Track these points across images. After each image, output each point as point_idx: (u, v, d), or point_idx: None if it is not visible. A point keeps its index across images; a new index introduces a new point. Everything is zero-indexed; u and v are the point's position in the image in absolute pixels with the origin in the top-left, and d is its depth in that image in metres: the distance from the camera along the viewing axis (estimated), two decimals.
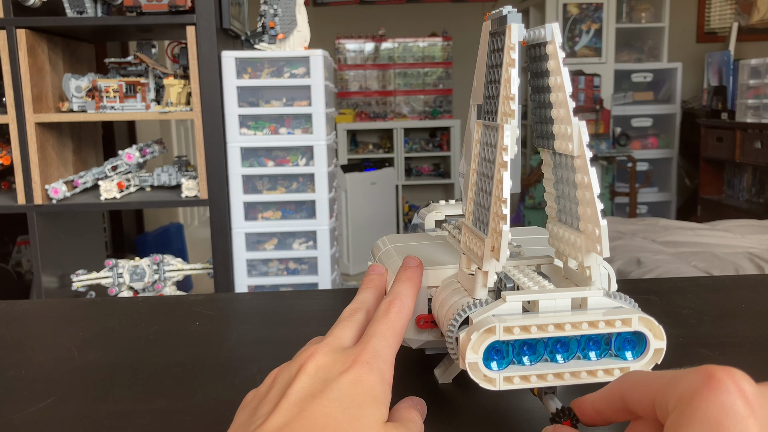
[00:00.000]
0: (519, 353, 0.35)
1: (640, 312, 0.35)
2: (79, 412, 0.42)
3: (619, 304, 0.36)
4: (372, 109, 4.79)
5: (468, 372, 0.34)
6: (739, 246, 2.22)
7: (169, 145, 3.53)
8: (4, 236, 2.40)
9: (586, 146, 0.36)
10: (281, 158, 1.86)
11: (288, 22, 1.83)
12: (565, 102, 0.36)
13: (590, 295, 0.36)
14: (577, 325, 0.34)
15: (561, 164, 0.39)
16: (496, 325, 0.33)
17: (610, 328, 0.34)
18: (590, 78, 4.10)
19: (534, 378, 0.34)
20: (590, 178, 0.36)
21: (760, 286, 0.65)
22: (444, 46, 4.74)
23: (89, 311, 0.63)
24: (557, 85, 0.37)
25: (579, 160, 0.36)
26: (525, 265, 0.42)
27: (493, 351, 0.35)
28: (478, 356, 0.34)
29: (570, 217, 0.39)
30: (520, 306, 0.35)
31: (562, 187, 0.40)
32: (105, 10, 1.76)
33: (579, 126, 0.36)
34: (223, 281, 1.84)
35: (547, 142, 0.39)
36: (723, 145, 3.80)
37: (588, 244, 0.37)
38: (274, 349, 0.52)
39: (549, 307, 0.35)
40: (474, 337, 0.34)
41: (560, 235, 0.40)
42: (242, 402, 0.34)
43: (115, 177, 1.86)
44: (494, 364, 0.35)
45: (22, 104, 1.70)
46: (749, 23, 4.31)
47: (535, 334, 0.34)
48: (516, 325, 0.34)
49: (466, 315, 0.36)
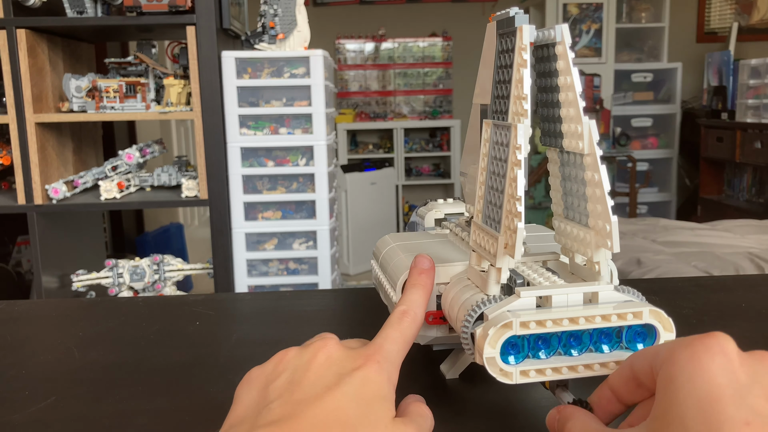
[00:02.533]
0: (534, 347, 0.36)
1: (650, 305, 0.36)
2: (79, 412, 0.42)
3: (629, 297, 0.37)
4: (372, 109, 4.79)
5: (486, 367, 0.35)
6: (739, 246, 2.22)
7: (169, 145, 3.53)
8: (4, 236, 2.40)
9: (596, 144, 0.37)
10: (281, 158, 1.86)
11: (288, 22, 1.83)
12: (575, 101, 0.37)
13: (601, 289, 0.37)
14: (590, 319, 0.35)
15: (569, 162, 0.40)
16: (513, 321, 0.34)
17: (622, 321, 0.35)
18: (590, 78, 4.10)
19: (549, 371, 0.35)
20: (601, 176, 0.37)
21: (761, 286, 0.65)
22: (444, 46, 4.74)
23: (89, 311, 0.63)
24: (567, 84, 0.37)
25: (589, 158, 0.37)
26: (532, 262, 0.43)
27: (510, 346, 0.36)
28: (496, 351, 0.35)
29: (578, 213, 0.40)
30: (533, 301, 0.36)
31: (570, 184, 0.40)
32: (105, 10, 1.76)
33: (590, 125, 0.37)
34: (223, 281, 1.84)
35: (554, 141, 0.40)
36: (723, 145, 3.80)
37: (598, 240, 0.38)
38: (274, 349, 0.51)
39: (562, 302, 0.36)
40: (491, 333, 0.34)
41: (568, 231, 0.41)
42: (245, 377, 0.35)
43: (115, 177, 1.86)
44: (511, 358, 0.35)
45: (22, 104, 1.70)
46: (749, 23, 4.31)
47: (551, 328, 0.35)
48: (532, 320, 0.34)
49: (480, 311, 0.37)
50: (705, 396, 0.26)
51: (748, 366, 0.27)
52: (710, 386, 0.26)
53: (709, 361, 0.27)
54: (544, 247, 0.47)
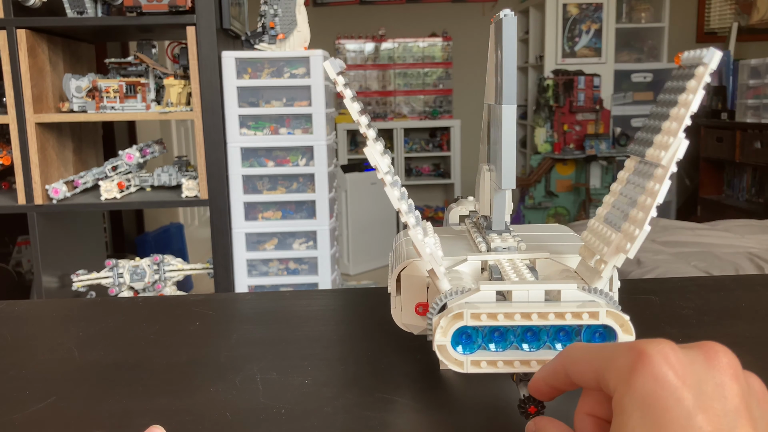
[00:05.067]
0: (491, 340, 0.37)
1: (610, 306, 0.36)
2: (79, 412, 0.42)
3: (593, 298, 0.37)
4: (372, 110, 4.79)
5: (437, 354, 0.37)
6: (739, 246, 2.22)
7: (169, 145, 3.53)
8: (4, 236, 2.40)
9: (675, 162, 0.37)
10: (281, 158, 1.86)
11: (288, 22, 1.83)
12: (683, 118, 0.37)
13: (564, 288, 0.37)
14: (543, 315, 0.36)
15: (641, 171, 0.40)
16: (464, 311, 0.36)
17: (577, 320, 0.36)
18: (590, 78, 4.10)
19: (501, 363, 0.37)
20: (661, 188, 0.37)
21: (761, 286, 0.65)
22: (444, 47, 4.74)
23: (90, 311, 0.63)
24: (686, 101, 0.37)
25: (661, 170, 0.38)
26: (519, 259, 0.44)
27: (465, 336, 0.37)
28: (447, 339, 0.36)
29: (618, 218, 0.40)
30: (493, 295, 0.37)
31: (628, 190, 0.41)
32: (105, 11, 1.76)
33: (682, 143, 0.37)
34: (223, 281, 1.84)
35: (641, 150, 0.41)
36: (723, 145, 3.80)
37: (620, 242, 0.39)
38: (275, 349, 0.52)
39: (522, 297, 0.37)
40: (443, 322, 0.36)
41: (598, 229, 0.42)
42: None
43: (116, 177, 1.86)
44: (459, 348, 0.37)
45: (22, 104, 1.70)
46: (749, 23, 4.31)
47: (502, 321, 0.36)
48: (484, 312, 0.36)
49: (443, 302, 0.39)
50: (655, 422, 0.26)
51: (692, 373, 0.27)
52: (656, 410, 0.26)
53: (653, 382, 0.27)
54: (558, 247, 0.48)
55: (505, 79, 0.44)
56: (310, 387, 0.44)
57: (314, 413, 0.41)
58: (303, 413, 0.41)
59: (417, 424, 0.40)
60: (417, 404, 0.42)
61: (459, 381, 0.45)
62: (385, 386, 0.44)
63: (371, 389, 0.44)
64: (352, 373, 0.46)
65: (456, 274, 0.44)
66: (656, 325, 0.54)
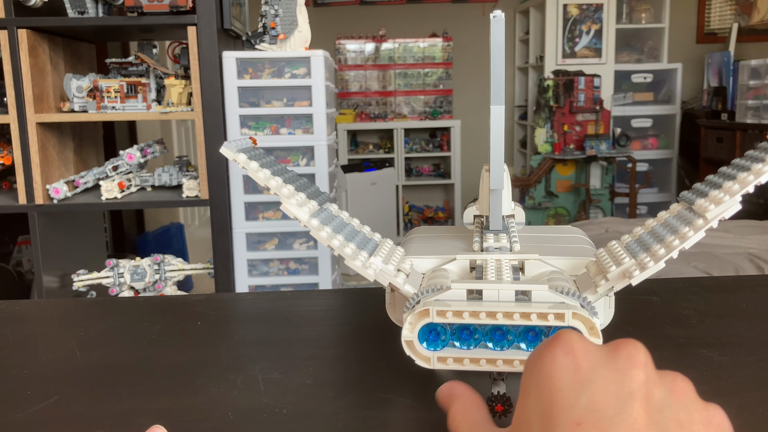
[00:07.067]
0: (459, 337, 0.38)
1: (576, 308, 0.36)
2: (80, 412, 0.42)
3: (564, 300, 0.37)
4: (372, 110, 4.79)
5: (405, 349, 0.37)
6: (739, 246, 2.22)
7: (169, 145, 3.53)
8: (4, 236, 2.40)
9: (719, 219, 0.38)
10: (282, 158, 1.86)
11: (289, 22, 1.83)
12: (748, 184, 0.38)
13: (534, 288, 0.37)
14: (509, 315, 0.36)
15: (681, 217, 0.41)
16: (430, 308, 0.36)
17: (542, 320, 0.36)
18: (590, 78, 4.10)
19: (467, 361, 0.37)
20: (694, 236, 0.38)
21: (761, 287, 0.65)
22: (444, 47, 4.74)
23: (90, 311, 0.63)
24: (758, 171, 0.39)
25: (702, 221, 0.39)
26: (507, 260, 0.45)
27: (433, 333, 0.38)
28: (413, 335, 0.37)
29: (638, 248, 0.41)
30: (464, 293, 0.38)
31: (660, 230, 0.42)
32: (106, 11, 1.76)
33: (734, 204, 0.38)
34: (223, 281, 1.84)
35: (692, 198, 0.42)
36: (723, 146, 3.80)
37: (630, 266, 0.39)
38: (276, 348, 0.52)
39: (493, 296, 0.37)
40: (411, 318, 0.37)
41: (615, 250, 0.42)
42: None
43: (116, 177, 1.86)
44: (424, 344, 0.38)
45: (23, 104, 1.70)
46: (749, 24, 4.31)
47: (468, 320, 0.36)
48: (449, 310, 0.36)
49: (418, 299, 0.39)
50: (546, 400, 0.26)
51: (593, 359, 0.27)
52: (550, 390, 0.27)
53: (551, 363, 0.27)
54: (568, 249, 0.48)
55: (493, 80, 0.44)
56: (311, 387, 0.44)
57: (316, 413, 0.41)
58: (304, 413, 0.41)
59: (418, 424, 0.40)
60: (418, 404, 0.42)
61: (451, 371, 0.45)
62: (387, 386, 0.44)
63: (373, 389, 0.44)
64: (354, 373, 0.47)
65: (442, 272, 0.44)
66: (657, 325, 0.54)
